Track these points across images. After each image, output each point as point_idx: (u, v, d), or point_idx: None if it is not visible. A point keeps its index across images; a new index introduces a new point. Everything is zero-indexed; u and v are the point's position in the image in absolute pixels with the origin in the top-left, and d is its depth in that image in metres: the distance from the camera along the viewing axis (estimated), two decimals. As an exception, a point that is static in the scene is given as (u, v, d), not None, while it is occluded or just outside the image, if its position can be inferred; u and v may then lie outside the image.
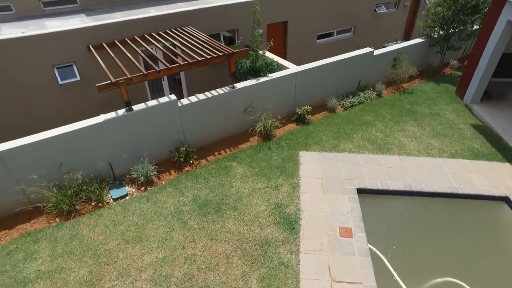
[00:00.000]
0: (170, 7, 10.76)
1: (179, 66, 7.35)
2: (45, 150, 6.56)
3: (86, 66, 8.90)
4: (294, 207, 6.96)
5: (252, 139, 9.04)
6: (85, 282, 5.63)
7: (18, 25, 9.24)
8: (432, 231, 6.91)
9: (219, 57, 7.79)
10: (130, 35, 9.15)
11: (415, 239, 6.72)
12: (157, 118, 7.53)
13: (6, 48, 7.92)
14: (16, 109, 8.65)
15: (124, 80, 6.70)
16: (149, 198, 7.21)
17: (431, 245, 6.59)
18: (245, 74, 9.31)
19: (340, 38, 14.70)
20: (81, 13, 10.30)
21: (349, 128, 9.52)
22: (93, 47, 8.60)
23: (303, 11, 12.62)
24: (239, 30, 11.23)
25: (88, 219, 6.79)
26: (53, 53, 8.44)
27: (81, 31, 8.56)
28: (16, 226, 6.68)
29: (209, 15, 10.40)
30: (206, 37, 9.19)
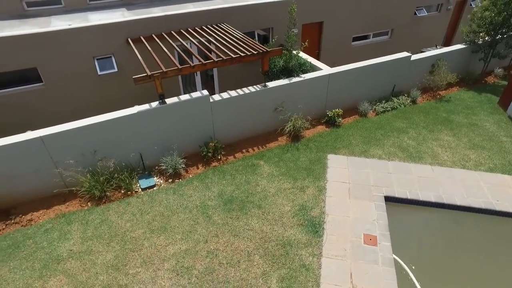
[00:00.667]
0: (207, 3, 10.91)
1: (213, 63, 7.45)
2: (81, 137, 6.87)
3: (123, 58, 9.21)
4: (319, 210, 6.88)
5: (281, 138, 9.01)
6: (111, 266, 5.85)
7: (66, 18, 9.71)
8: (462, 246, 6.61)
9: (253, 55, 7.81)
10: (167, 29, 9.37)
11: (444, 254, 6.45)
12: (189, 113, 7.68)
13: (54, 39, 8.37)
14: (59, 96, 9.10)
15: (159, 74, 6.88)
16: (176, 190, 7.37)
17: (460, 261, 6.32)
18: (278, 74, 9.29)
19: (376, 41, 14.33)
20: (123, 7, 10.66)
21: (380, 134, 9.28)
22: (131, 40, 8.88)
23: (340, 12, 12.40)
24: (274, 29, 11.20)
25: (117, 206, 7.04)
26: (94, 44, 8.80)
27: (121, 25, 8.86)
28: (53, 207, 7.06)
29: (245, 13, 10.45)
30: (241, 34, 9.24)
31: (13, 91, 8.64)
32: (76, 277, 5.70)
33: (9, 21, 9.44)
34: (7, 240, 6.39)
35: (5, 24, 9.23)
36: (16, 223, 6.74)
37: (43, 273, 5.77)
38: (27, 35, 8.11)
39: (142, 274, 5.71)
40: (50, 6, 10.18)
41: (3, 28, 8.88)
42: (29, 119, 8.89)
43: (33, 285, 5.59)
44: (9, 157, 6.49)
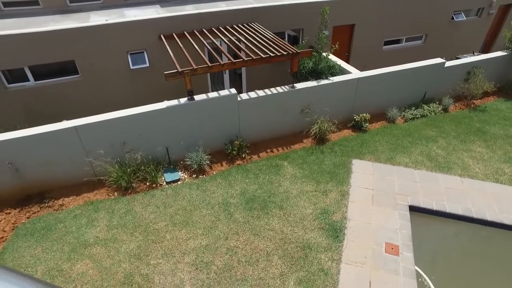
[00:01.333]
0: (239, 2, 11.00)
1: (242, 62, 7.51)
2: (112, 128, 7.12)
3: (155, 54, 9.47)
4: (340, 215, 6.81)
5: (306, 140, 8.97)
6: (134, 255, 6.04)
7: (103, 13, 10.10)
8: (490, 265, 6.34)
9: (283, 56, 7.82)
10: (199, 27, 9.54)
11: (469, 271, 6.22)
12: (216, 110, 7.79)
13: (92, 34, 8.73)
14: (93, 88, 9.48)
15: (190, 71, 7.02)
16: (199, 186, 7.51)
17: (486, 281, 6.06)
18: (306, 75, 9.24)
19: (408, 46, 13.95)
20: (157, 4, 10.95)
21: (407, 141, 9.05)
22: (164, 37, 9.11)
23: (373, 15, 12.16)
24: (304, 30, 11.15)
25: (142, 198, 7.26)
26: (129, 40, 9.10)
27: (155, 21, 9.11)
28: (82, 194, 7.37)
29: (277, 13, 10.46)
30: (271, 34, 9.26)
31: (52, 82, 9.10)
32: (100, 262, 5.93)
33: (52, 16, 9.94)
34: (41, 222, 6.74)
35: (49, 18, 9.72)
36: (49, 206, 7.10)
37: (71, 256, 6.05)
38: (67, 29, 8.51)
39: (162, 265, 5.87)
40: (90, 2, 10.65)
41: (47, 23, 9.35)
42: (65, 109, 9.33)
43: (62, 266, 5.87)
44: (46, 144, 6.85)
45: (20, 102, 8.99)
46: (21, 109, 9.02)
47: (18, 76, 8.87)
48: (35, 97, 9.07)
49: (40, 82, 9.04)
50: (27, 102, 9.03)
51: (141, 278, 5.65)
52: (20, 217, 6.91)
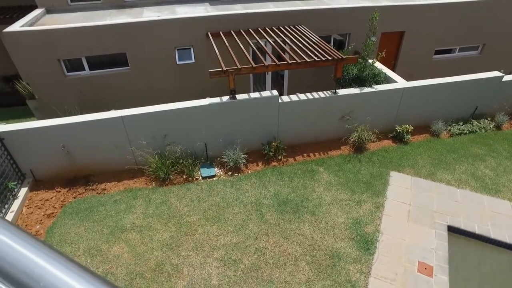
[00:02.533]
0: (287, 4, 11.01)
1: (286, 64, 7.53)
2: (155, 121, 7.44)
3: (201, 51, 9.73)
4: (373, 227, 6.64)
5: (344, 148, 8.82)
6: (166, 245, 6.29)
7: (156, 9, 10.56)
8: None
9: (328, 61, 7.73)
10: (245, 27, 9.67)
11: (510, 301, 5.83)
12: (257, 111, 7.88)
13: (144, 29, 9.17)
14: (141, 80, 9.94)
15: (234, 70, 7.15)
16: (233, 184, 7.64)
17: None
18: (350, 82, 9.07)
19: (462, 56, 13.21)
20: (206, 2, 11.24)
21: (451, 158, 8.60)
22: (211, 34, 9.34)
23: (424, 23, 11.65)
24: (351, 35, 10.94)
25: (178, 190, 7.52)
26: (178, 36, 9.44)
27: (204, 19, 9.37)
28: (123, 181, 7.78)
29: (324, 16, 10.34)
30: (317, 38, 9.18)
31: (104, 72, 9.67)
32: (135, 248, 6.23)
33: (109, 10, 10.57)
34: (85, 203, 7.22)
35: (106, 13, 10.33)
36: (93, 189, 7.58)
37: (109, 238, 6.42)
38: (122, 24, 9.01)
39: (192, 258, 6.05)
40: (143, 0, 11.15)
41: (104, 17, 9.95)
42: (114, 98, 9.87)
43: (101, 246, 6.25)
44: (95, 131, 7.30)
45: (76, 89, 9.63)
46: (76, 96, 9.66)
47: (76, 66, 9.51)
48: (89, 85, 9.67)
49: (93, 72, 9.63)
50: (81, 89, 9.66)
51: (171, 267, 5.88)
52: (68, 196, 7.44)
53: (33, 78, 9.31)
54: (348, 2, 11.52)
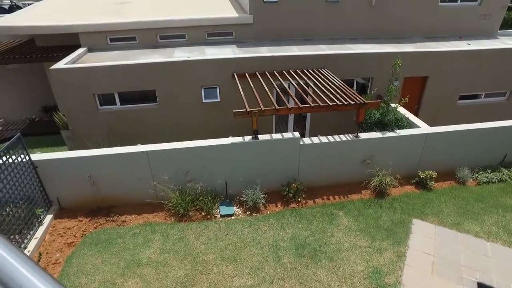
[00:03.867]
0: (311, 48, 11.41)
1: (309, 107, 7.69)
2: (179, 157, 7.67)
3: (226, 90, 10.12)
4: (394, 278, 6.35)
5: (365, 192, 8.67)
6: (180, 283, 6.23)
7: (186, 50, 11.22)
8: None
9: (350, 105, 7.84)
10: (270, 69, 10.04)
11: None
12: (278, 151, 7.98)
13: (174, 68, 9.73)
14: (168, 116, 10.36)
15: (257, 111, 7.36)
16: (252, 224, 7.60)
17: None
18: (372, 125, 9.09)
19: (488, 102, 13.01)
20: (234, 44, 11.84)
21: (479, 208, 8.25)
22: (237, 75, 9.74)
23: (448, 68, 11.69)
24: (374, 79, 11.09)
25: (196, 227, 7.54)
26: (205, 75, 9.91)
27: (231, 61, 9.83)
28: (143, 214, 7.91)
29: (347, 61, 10.62)
30: (339, 82, 9.38)
31: (134, 107, 10.18)
32: (149, 284, 6.21)
33: (144, 49, 11.32)
34: (105, 234, 7.35)
35: (141, 52, 11.08)
36: (113, 221, 7.73)
37: (125, 272, 6.44)
38: (154, 63, 9.59)
39: (206, 298, 5.95)
40: (176, 39, 11.92)
41: (139, 56, 10.66)
42: (141, 132, 10.28)
43: (116, 280, 6.27)
44: (121, 164, 7.59)
45: (106, 122, 10.14)
46: (106, 129, 10.15)
47: (108, 100, 10.09)
48: (118, 119, 10.17)
49: (124, 106, 10.16)
50: (111, 123, 10.15)
51: (184, 307, 5.78)
52: (89, 226, 7.61)
53: (69, 110, 9.93)
54: (371, 47, 11.82)
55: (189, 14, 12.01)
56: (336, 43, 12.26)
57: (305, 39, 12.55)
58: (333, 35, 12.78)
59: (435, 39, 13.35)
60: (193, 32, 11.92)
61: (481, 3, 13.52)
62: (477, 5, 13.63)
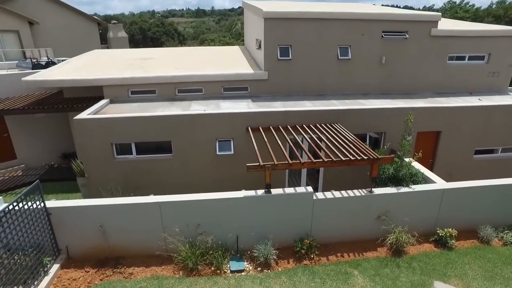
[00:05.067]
0: (324, 103, 11.73)
1: (322, 162, 7.71)
2: (191, 210, 7.66)
3: (240, 144, 10.31)
4: None
5: (380, 249, 8.31)
6: None
7: (203, 103, 11.71)
8: None
9: (363, 161, 7.84)
10: (284, 123, 10.27)
11: None
12: (290, 206, 7.88)
13: (191, 120, 10.10)
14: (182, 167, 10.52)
15: (271, 165, 7.42)
16: (262, 281, 7.28)
17: None
18: (386, 181, 8.97)
19: (507, 157, 12.77)
20: (249, 99, 12.30)
21: (509, 271, 7.72)
22: (251, 129, 9.97)
23: (462, 123, 11.73)
24: (387, 134, 11.17)
25: (204, 282, 7.26)
26: (220, 128, 10.20)
27: (245, 115, 10.15)
28: (151, 266, 7.71)
29: (359, 116, 10.81)
30: (352, 136, 9.47)
31: (149, 157, 10.42)
32: None
33: (162, 102, 11.88)
34: (110, 287, 7.12)
35: (159, 104, 11.61)
36: (120, 273, 7.55)
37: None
38: (169, 115, 10.02)
39: None
40: (194, 93, 12.52)
41: (157, 108, 11.16)
42: (155, 181, 10.39)
43: None
44: (132, 214, 7.60)
45: (121, 171, 10.33)
46: (121, 177, 10.31)
47: (125, 149, 10.38)
48: (133, 168, 10.36)
49: (140, 156, 10.40)
50: (126, 172, 10.34)
51: None
52: (95, 277, 7.42)
53: (87, 158, 10.23)
54: (383, 102, 12.07)
55: (206, 70, 12.73)
56: (348, 98, 12.61)
57: (318, 94, 12.97)
58: (345, 91, 13.20)
59: (446, 95, 13.60)
60: (210, 87, 12.52)
61: (489, 61, 13.91)
62: (484, 63, 14.03)
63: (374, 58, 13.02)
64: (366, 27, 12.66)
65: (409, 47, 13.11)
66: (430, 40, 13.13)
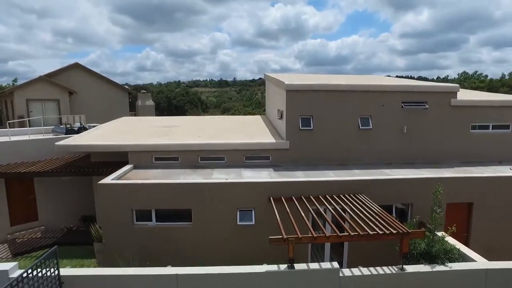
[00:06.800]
0: (347, 173, 11.56)
1: (348, 236, 7.31)
2: (209, 283, 7.23)
3: (262, 214, 10.02)
4: None
5: None
6: None
7: (224, 171, 11.79)
8: None
9: (392, 235, 7.38)
10: (306, 193, 10.04)
11: None
12: (315, 283, 7.30)
13: (213, 189, 10.09)
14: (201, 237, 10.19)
15: (294, 239, 7.08)
16: None
17: None
18: (418, 257, 8.31)
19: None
20: (270, 168, 12.31)
21: None
22: (273, 199, 9.77)
23: (494, 194, 11.11)
24: (414, 205, 10.68)
25: None
26: (242, 198, 10.06)
27: (267, 184, 10.07)
28: None
29: (384, 186, 10.50)
30: (377, 208, 9.09)
31: (168, 225, 10.27)
32: None
33: (185, 169, 12.05)
34: None
35: (181, 171, 11.77)
36: None
37: None
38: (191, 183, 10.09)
39: None
40: (216, 161, 12.73)
41: (179, 175, 11.29)
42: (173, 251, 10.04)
43: None
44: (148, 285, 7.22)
45: (140, 238, 10.12)
46: (138, 245, 10.05)
47: (144, 216, 10.29)
48: (152, 236, 10.14)
49: (159, 223, 10.25)
50: (144, 239, 10.11)
51: None
52: None
53: (106, 222, 10.18)
54: (408, 172, 11.77)
55: (228, 138, 13.07)
56: (371, 168, 12.41)
57: (340, 163, 12.87)
58: (368, 160, 13.08)
59: (472, 164, 13.22)
60: (232, 155, 12.72)
61: (513, 130, 13.72)
62: (509, 132, 13.81)
63: (396, 128, 13.09)
64: (386, 98, 12.98)
65: (430, 117, 13.21)
66: (450, 110, 13.25)
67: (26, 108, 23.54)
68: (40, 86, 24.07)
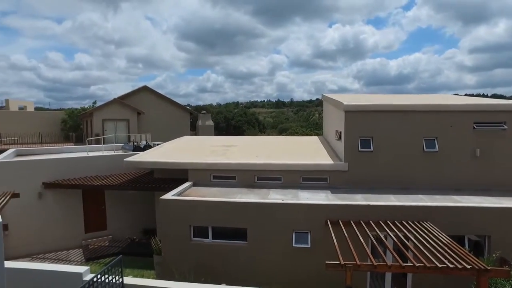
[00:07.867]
0: (410, 198, 10.79)
1: (413, 267, 6.74)
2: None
3: (318, 237, 9.71)
4: None
5: None
6: None
7: (281, 192, 11.75)
8: None
9: (466, 270, 6.63)
10: (365, 218, 9.54)
11: None
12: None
13: (269, 209, 10.08)
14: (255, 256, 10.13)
15: (352, 266, 6.72)
16: None
17: None
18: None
19: None
20: (328, 190, 11.98)
21: None
22: (330, 222, 9.44)
23: None
24: (492, 238, 9.52)
25: None
26: (298, 220, 9.89)
27: (324, 207, 9.79)
28: None
29: (455, 214, 9.57)
30: (446, 238, 8.29)
31: (224, 243, 10.41)
32: None
33: (241, 188, 12.26)
34: None
35: (238, 190, 11.99)
36: None
37: None
38: (248, 203, 10.16)
39: None
40: (272, 181, 12.76)
41: (236, 194, 11.50)
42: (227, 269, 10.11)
43: None
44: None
45: (196, 253, 10.40)
46: (194, 260, 10.33)
47: (201, 232, 10.59)
48: (208, 252, 10.36)
49: (215, 240, 10.45)
50: (201, 255, 10.37)
51: None
52: None
53: (166, 236, 10.64)
54: (482, 200, 10.63)
55: (285, 159, 13.07)
56: (438, 193, 11.44)
57: (402, 188, 12.06)
58: (433, 185, 12.08)
59: None
60: (288, 176, 12.66)
61: None
62: None
63: (466, 151, 12.01)
64: (454, 118, 12.04)
65: (509, 139, 11.88)
66: (536, 131, 11.80)
67: (102, 127, 26.50)
68: (113, 108, 27.13)
